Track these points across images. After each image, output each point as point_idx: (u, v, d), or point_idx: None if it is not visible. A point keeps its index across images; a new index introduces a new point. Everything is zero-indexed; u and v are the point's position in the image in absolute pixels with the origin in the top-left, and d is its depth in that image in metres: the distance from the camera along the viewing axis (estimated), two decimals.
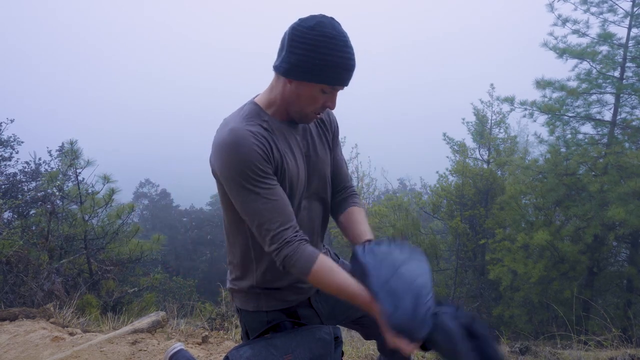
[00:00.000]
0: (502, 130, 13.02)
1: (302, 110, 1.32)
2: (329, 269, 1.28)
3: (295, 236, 1.28)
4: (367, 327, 1.74)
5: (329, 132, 1.54)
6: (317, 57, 1.22)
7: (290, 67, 1.25)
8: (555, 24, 9.10)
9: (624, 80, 8.75)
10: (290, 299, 1.48)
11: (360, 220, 1.53)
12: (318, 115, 1.36)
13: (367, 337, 1.84)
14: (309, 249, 1.29)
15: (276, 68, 1.30)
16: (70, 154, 6.08)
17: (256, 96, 1.42)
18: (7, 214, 7.41)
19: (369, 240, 1.42)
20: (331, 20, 1.25)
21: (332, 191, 1.60)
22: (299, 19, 1.26)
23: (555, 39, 9.10)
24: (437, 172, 13.46)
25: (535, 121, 9.40)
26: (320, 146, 1.48)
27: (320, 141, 1.49)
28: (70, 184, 7.03)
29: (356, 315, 1.67)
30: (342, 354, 1.49)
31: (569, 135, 9.36)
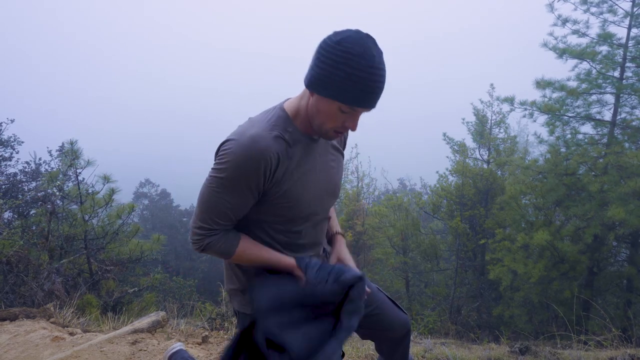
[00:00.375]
0: (502, 130, 13.02)
1: (322, 126, 1.30)
2: (252, 246, 1.37)
3: (221, 226, 1.34)
4: (364, 328, 1.74)
5: (343, 146, 1.57)
6: (336, 74, 1.18)
7: (313, 80, 1.24)
8: (555, 24, 9.09)
9: (624, 80, 8.74)
10: None
11: (332, 214, 1.66)
12: (339, 134, 1.32)
13: (363, 337, 1.85)
14: (232, 233, 1.36)
15: (304, 79, 1.30)
16: (70, 154, 6.08)
17: (287, 100, 1.40)
18: (7, 214, 7.41)
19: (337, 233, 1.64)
20: (363, 37, 1.19)
21: None
22: (333, 32, 1.23)
23: (555, 39, 9.09)
24: (437, 172, 13.47)
25: (535, 121, 9.40)
26: (337, 160, 1.50)
27: (337, 156, 1.50)
28: (70, 184, 7.03)
29: None
30: (343, 354, 1.49)
31: (569, 135, 9.35)
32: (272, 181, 1.30)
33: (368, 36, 1.20)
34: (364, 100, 1.21)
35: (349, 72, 1.17)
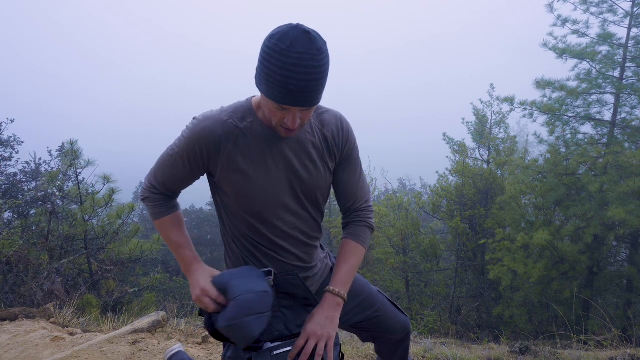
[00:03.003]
0: (502, 130, 13.01)
1: (271, 121, 1.28)
2: (175, 225, 1.47)
3: (162, 195, 1.47)
4: (365, 330, 1.74)
5: (334, 152, 1.45)
6: (263, 70, 1.16)
7: (255, 75, 1.24)
8: (555, 24, 9.10)
9: (624, 80, 8.74)
10: None
11: (339, 261, 1.49)
12: (289, 131, 1.26)
13: (364, 340, 1.85)
14: (170, 204, 1.48)
15: None
16: (70, 154, 6.08)
17: (257, 95, 1.41)
18: (7, 214, 7.41)
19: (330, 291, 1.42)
20: (297, 32, 1.12)
21: (341, 210, 1.58)
22: (277, 27, 1.19)
23: (555, 39, 9.09)
24: (437, 172, 13.45)
25: (535, 121, 9.40)
26: (313, 165, 1.40)
27: (313, 159, 1.40)
28: (70, 184, 7.04)
29: (354, 320, 1.66)
30: (343, 356, 1.49)
31: (569, 135, 9.35)
32: (215, 164, 1.35)
33: (304, 32, 1.12)
34: (290, 100, 1.15)
35: (271, 69, 1.13)
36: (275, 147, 1.34)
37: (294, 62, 1.11)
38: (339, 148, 1.46)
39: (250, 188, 1.34)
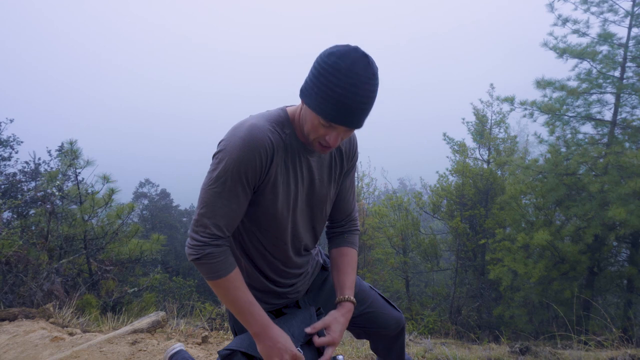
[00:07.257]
0: (502, 130, 13.00)
1: (308, 136, 1.27)
2: (240, 284, 1.29)
3: (225, 242, 1.28)
4: (358, 326, 1.74)
5: (343, 166, 1.49)
6: (318, 86, 1.16)
7: (302, 88, 1.24)
8: (555, 24, 9.09)
9: (624, 80, 8.73)
10: (275, 302, 1.50)
11: (347, 269, 1.50)
12: (325, 148, 1.27)
13: (358, 336, 1.85)
14: (232, 258, 1.30)
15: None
16: (70, 154, 6.07)
17: (290, 106, 1.39)
18: (6, 214, 7.39)
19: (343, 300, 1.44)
20: (356, 54, 1.15)
21: (331, 220, 1.59)
22: (334, 44, 1.21)
23: (555, 38, 9.08)
24: (437, 172, 13.44)
25: (535, 121, 9.39)
26: (328, 179, 1.44)
27: (330, 174, 1.45)
28: (70, 184, 7.02)
29: None
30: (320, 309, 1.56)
31: (569, 135, 9.35)
32: (266, 175, 1.27)
33: (363, 55, 1.15)
34: (340, 118, 1.17)
35: (329, 86, 1.14)
36: (305, 162, 1.36)
37: (353, 82, 1.12)
38: (349, 161, 1.50)
39: (280, 202, 1.33)
